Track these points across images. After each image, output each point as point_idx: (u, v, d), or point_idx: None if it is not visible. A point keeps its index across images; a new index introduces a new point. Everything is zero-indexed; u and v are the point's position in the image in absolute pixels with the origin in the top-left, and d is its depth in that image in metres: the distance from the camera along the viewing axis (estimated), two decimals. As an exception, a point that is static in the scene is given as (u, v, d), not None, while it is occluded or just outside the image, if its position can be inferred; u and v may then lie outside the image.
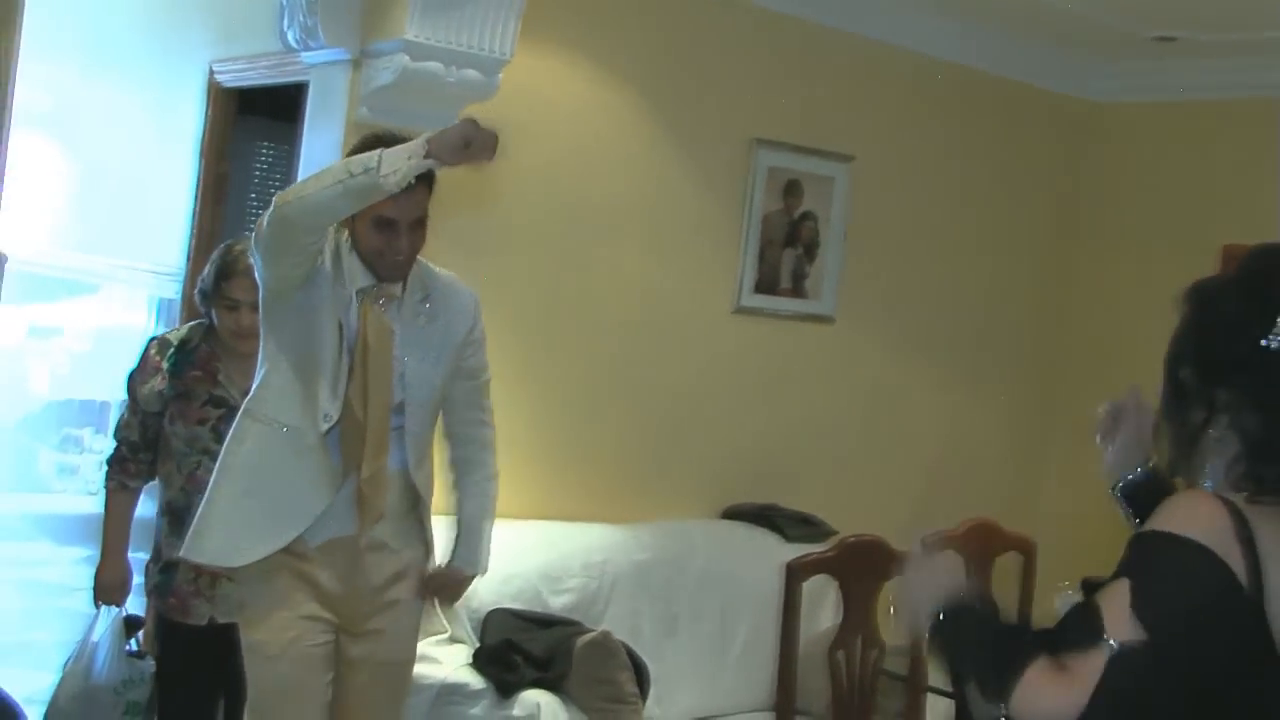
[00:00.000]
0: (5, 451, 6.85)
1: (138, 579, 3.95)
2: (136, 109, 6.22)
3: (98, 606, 3.90)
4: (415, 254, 3.21)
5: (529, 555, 4.51)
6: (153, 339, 3.88)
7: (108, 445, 3.93)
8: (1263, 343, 1.88)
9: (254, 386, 3.26)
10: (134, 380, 3.80)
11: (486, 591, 4.31)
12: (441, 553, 3.48)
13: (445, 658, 4.17)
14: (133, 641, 3.94)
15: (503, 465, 3.49)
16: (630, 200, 5.06)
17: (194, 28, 5.80)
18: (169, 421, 3.73)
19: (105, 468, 3.86)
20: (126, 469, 3.81)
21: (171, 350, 3.77)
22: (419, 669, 4.08)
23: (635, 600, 4.70)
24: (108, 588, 3.87)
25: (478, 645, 4.24)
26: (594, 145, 4.97)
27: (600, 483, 5.04)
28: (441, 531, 3.45)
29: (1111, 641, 1.77)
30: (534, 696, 4.03)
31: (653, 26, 5.06)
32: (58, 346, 7.14)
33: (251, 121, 5.98)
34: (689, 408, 5.27)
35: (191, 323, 4.01)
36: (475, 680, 4.09)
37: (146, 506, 3.93)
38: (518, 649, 4.14)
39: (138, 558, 3.90)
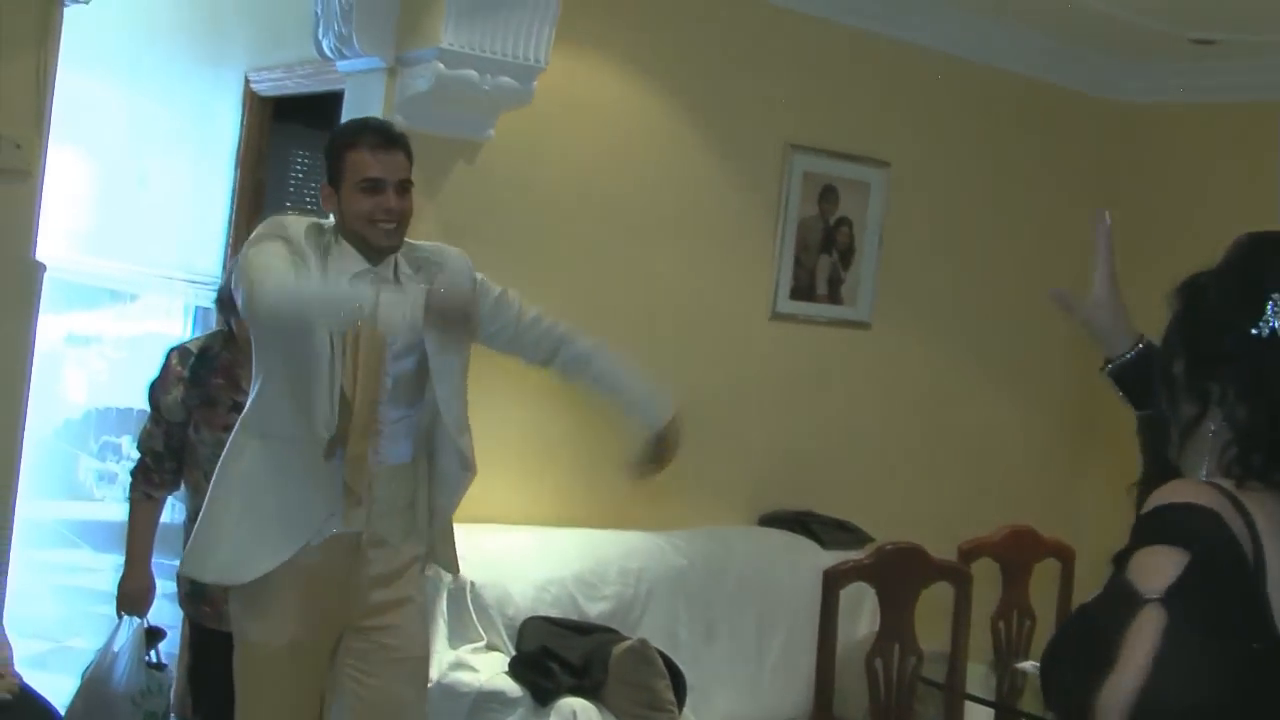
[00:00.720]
0: (45, 459, 6.88)
1: (167, 588, 3.96)
2: (174, 117, 6.26)
3: (120, 616, 3.91)
4: (407, 220, 3.20)
5: (565, 562, 4.51)
6: (173, 348, 3.89)
7: (131, 456, 3.94)
8: (1253, 331, 1.87)
9: (249, 400, 3.27)
10: (156, 390, 3.82)
11: (523, 599, 4.33)
12: (464, 562, 3.50)
13: (482, 665, 4.18)
14: (152, 653, 3.95)
15: (538, 472, 3.50)
16: (666, 205, 5.06)
17: (231, 37, 5.84)
18: (194, 430, 3.75)
19: (129, 478, 3.88)
20: (151, 479, 3.82)
21: (192, 359, 3.79)
22: (457, 676, 4.11)
23: (672, 607, 4.70)
24: (130, 597, 3.89)
25: (514, 653, 4.24)
26: (628, 150, 4.98)
27: (636, 489, 5.00)
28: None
29: (1149, 594, 1.75)
30: (571, 704, 4.02)
31: (688, 31, 5.06)
32: (95, 354, 7.18)
33: (287, 129, 6.00)
34: (725, 414, 5.27)
35: (211, 330, 4.03)
36: (512, 688, 4.09)
37: (171, 514, 3.95)
38: (554, 656, 4.14)
39: (168, 564, 3.91)
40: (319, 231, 3.18)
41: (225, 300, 3.74)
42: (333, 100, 4.80)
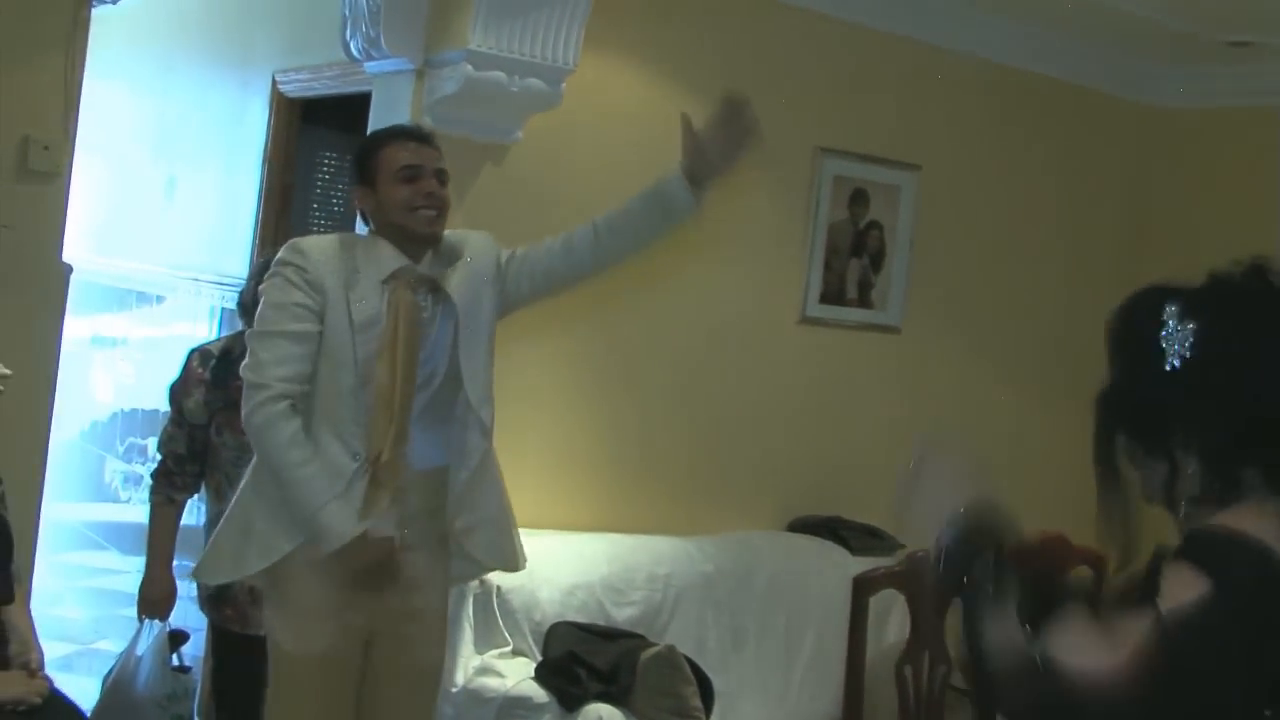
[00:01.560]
0: (72, 461, 6.93)
1: (190, 591, 3.96)
2: (202, 119, 6.29)
3: (141, 620, 3.91)
4: (446, 210, 3.22)
5: (593, 567, 4.51)
6: (194, 350, 3.88)
7: (153, 459, 3.95)
8: (1166, 369, 1.88)
9: None
10: (177, 393, 3.82)
11: (550, 604, 4.33)
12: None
13: (509, 671, 4.18)
14: (175, 656, 3.95)
15: (566, 477, 3.49)
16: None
17: (258, 39, 5.86)
18: (216, 433, 3.76)
19: (150, 481, 3.88)
20: (173, 482, 3.83)
21: (214, 360, 3.79)
22: (483, 681, 4.12)
23: (700, 613, 4.70)
24: (152, 601, 3.89)
25: (541, 658, 4.24)
26: (657, 154, 4.93)
27: (664, 494, 5.04)
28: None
29: (1162, 607, 1.75)
30: (598, 710, 4.03)
31: (717, 34, 5.05)
32: (122, 356, 7.21)
33: (315, 131, 6.03)
34: (754, 418, 5.26)
35: (232, 333, 4.02)
36: (539, 693, 4.09)
37: (194, 517, 3.96)
38: (581, 662, 4.14)
39: (190, 566, 3.92)
40: (343, 246, 3.18)
41: (247, 303, 3.74)
42: (361, 102, 4.81)
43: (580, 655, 4.16)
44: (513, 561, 3.46)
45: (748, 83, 5.12)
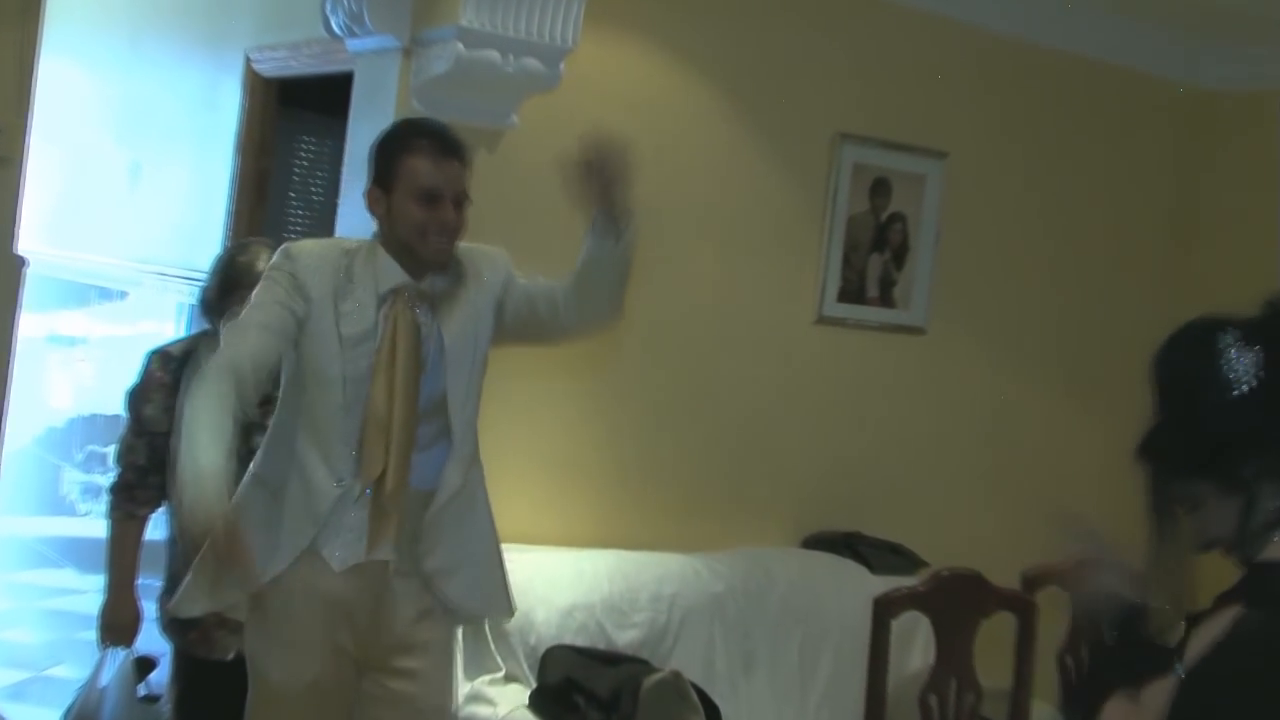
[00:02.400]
0: (26, 470, 6.94)
1: (154, 613, 3.94)
2: (170, 101, 6.32)
3: (104, 647, 3.88)
4: (459, 235, 3.22)
5: (592, 586, 4.53)
6: (153, 353, 3.85)
7: (112, 470, 3.91)
8: (1234, 395, 1.95)
9: (260, 449, 3.29)
10: (136, 399, 3.79)
11: (546, 626, 4.35)
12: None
13: (501, 698, 4.20)
14: (142, 685, 3.94)
15: (563, 489, 3.49)
16: (703, 200, 5.08)
17: (232, 14, 5.89)
18: (178, 441, 3.73)
19: (109, 496, 3.84)
20: (134, 496, 3.79)
21: (175, 363, 3.76)
22: (473, 710, 4.13)
23: (708, 636, 4.72)
24: (116, 627, 3.85)
25: (536, 685, 4.26)
26: (662, 140, 4.99)
27: (670, 508, 5.06)
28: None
29: (1180, 670, 1.81)
30: (597, 740, 4.05)
31: (728, 11, 5.08)
32: (81, 357, 7.24)
33: (293, 114, 6.06)
34: (767, 426, 5.28)
35: (193, 333, 4.00)
36: (534, 722, 4.12)
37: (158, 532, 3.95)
38: (580, 688, 4.16)
39: (155, 585, 3.90)
40: (339, 253, 3.20)
41: (210, 301, 3.74)
42: (342, 83, 4.83)
43: (578, 681, 4.18)
44: (497, 605, 3.47)
45: (761, 63, 5.17)
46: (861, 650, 3.80)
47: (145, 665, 3.98)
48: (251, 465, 3.26)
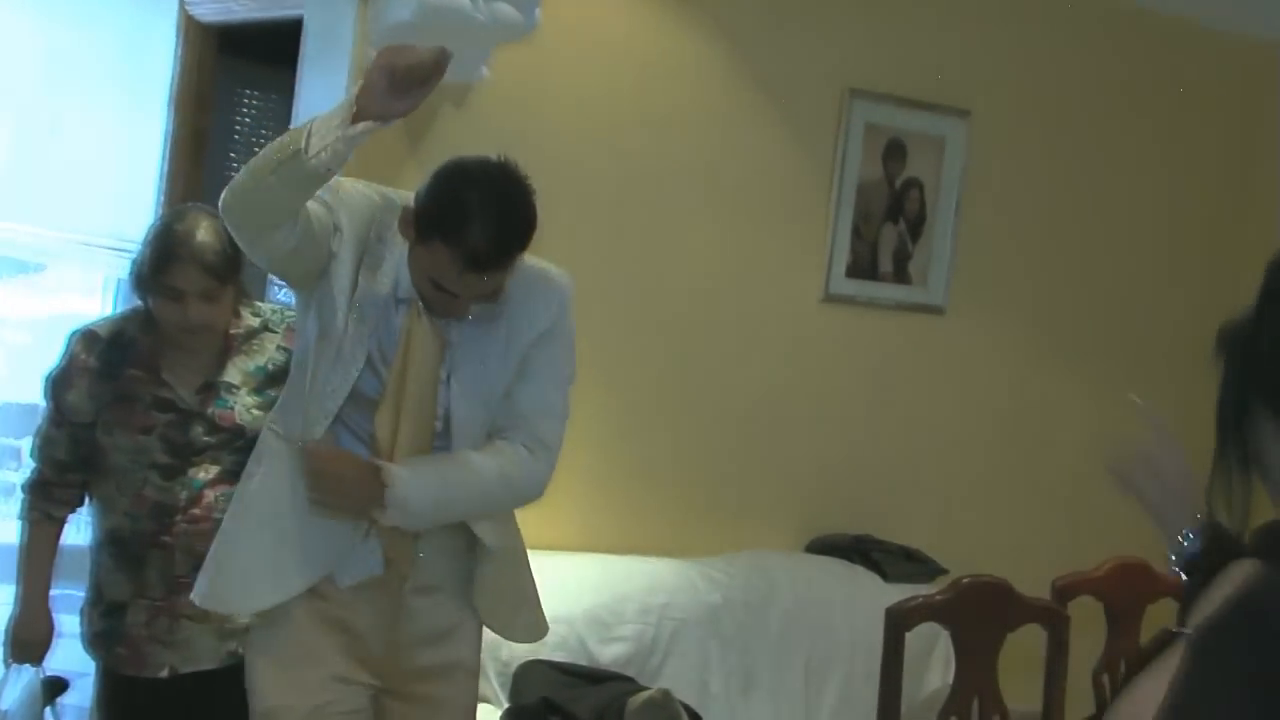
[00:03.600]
0: (-71, 466, 6.94)
1: (70, 626, 3.93)
2: (95, 50, 6.30)
3: (8, 665, 3.85)
4: (468, 312, 3.14)
5: (573, 596, 4.55)
6: (76, 333, 3.81)
7: (27, 468, 3.89)
8: None
9: (282, 392, 3.33)
10: (57, 384, 3.76)
11: (520, 640, 4.37)
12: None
13: (469, 720, 4.23)
14: (49, 710, 3.94)
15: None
16: (695, 165, 5.10)
17: (164, -49, 5.88)
18: (104, 432, 3.70)
19: (24, 495, 3.82)
20: (52, 495, 3.78)
21: (102, 346, 3.74)
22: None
23: (702, 652, 4.75)
24: (24, 642, 3.82)
25: (508, 705, 4.28)
26: (650, 96, 5.01)
27: (661, 508, 5.08)
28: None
29: (1186, 630, 1.85)
30: (578, 768, 4.08)
31: (725, -50, 5.10)
32: (-8, 338, 7.23)
33: (235, 65, 6.05)
34: (768, 417, 5.32)
35: (124, 311, 3.97)
36: (506, 748, 4.15)
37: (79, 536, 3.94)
38: (558, 709, 4.17)
39: (72, 596, 3.89)
40: (388, 205, 3.15)
41: (143, 275, 3.69)
42: (290, 30, 4.83)
43: (557, 702, 4.20)
44: (527, 628, 3.53)
45: (760, 9, 5.19)
46: (873, 668, 3.82)
47: (55, 686, 3.95)
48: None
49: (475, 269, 2.97)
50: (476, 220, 2.94)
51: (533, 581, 3.48)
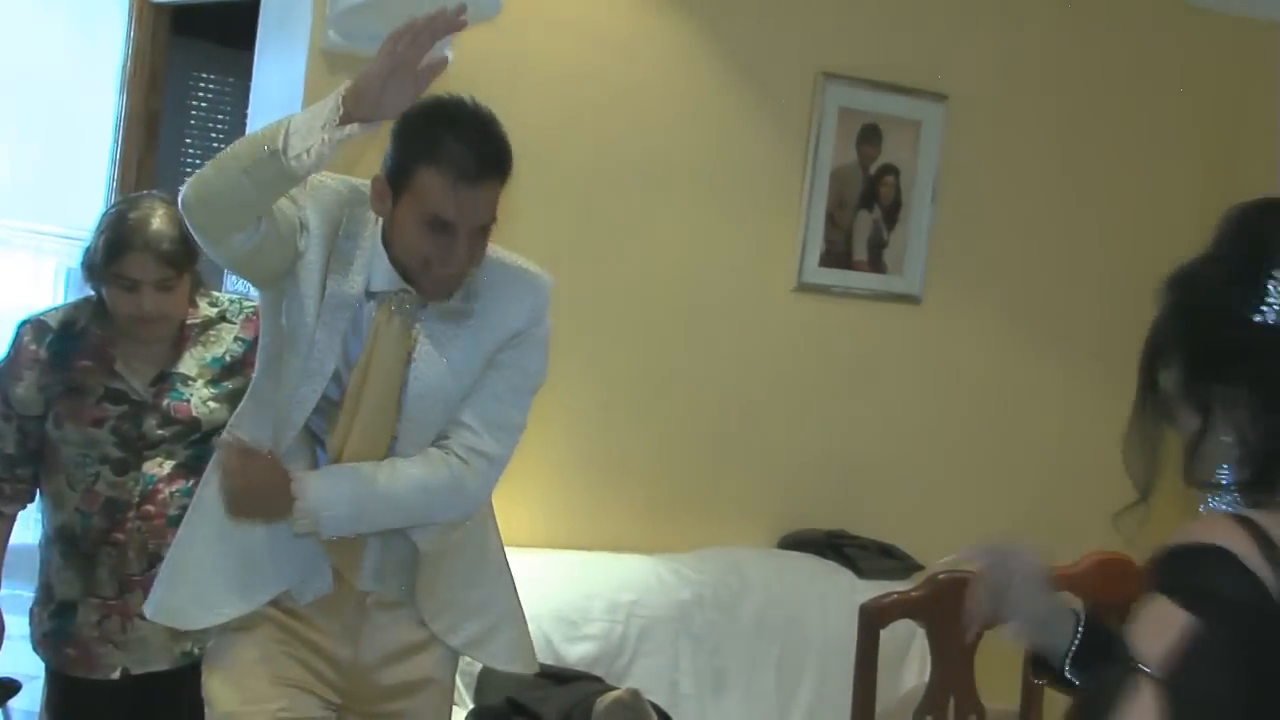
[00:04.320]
0: None
1: (18, 628, 3.91)
2: (43, 29, 6.28)
3: None
4: (470, 265, 3.04)
5: (539, 594, 4.51)
6: (25, 323, 3.80)
7: None
8: (1255, 319, 1.96)
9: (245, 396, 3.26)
10: (4, 377, 3.75)
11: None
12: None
13: (431, 721, 4.23)
14: (1, 712, 3.93)
15: (506, 481, 3.41)
16: (665, 149, 5.12)
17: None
18: (54, 425, 3.70)
19: None
20: (0, 491, 3.80)
21: (52, 336, 3.74)
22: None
23: (672, 651, 4.77)
24: None
25: (472, 706, 4.29)
26: (620, 80, 5.01)
27: (629, 503, 5.09)
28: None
29: (1148, 669, 1.86)
30: (543, 771, 4.09)
31: (696, -71, 5.10)
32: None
33: (190, 46, 6.04)
34: (739, 410, 5.33)
35: (75, 300, 3.95)
36: (470, 750, 4.15)
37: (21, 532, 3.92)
38: (523, 710, 4.18)
39: (20, 596, 3.87)
40: (357, 198, 3.08)
41: (95, 264, 3.69)
42: (245, 11, 4.83)
43: (522, 703, 4.20)
44: (513, 657, 3.43)
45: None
46: (847, 666, 3.82)
47: (5, 689, 3.97)
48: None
49: (467, 181, 2.91)
50: (452, 131, 2.94)
51: (511, 599, 3.41)
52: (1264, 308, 1.95)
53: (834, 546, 5.33)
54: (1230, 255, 2.04)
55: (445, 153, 2.91)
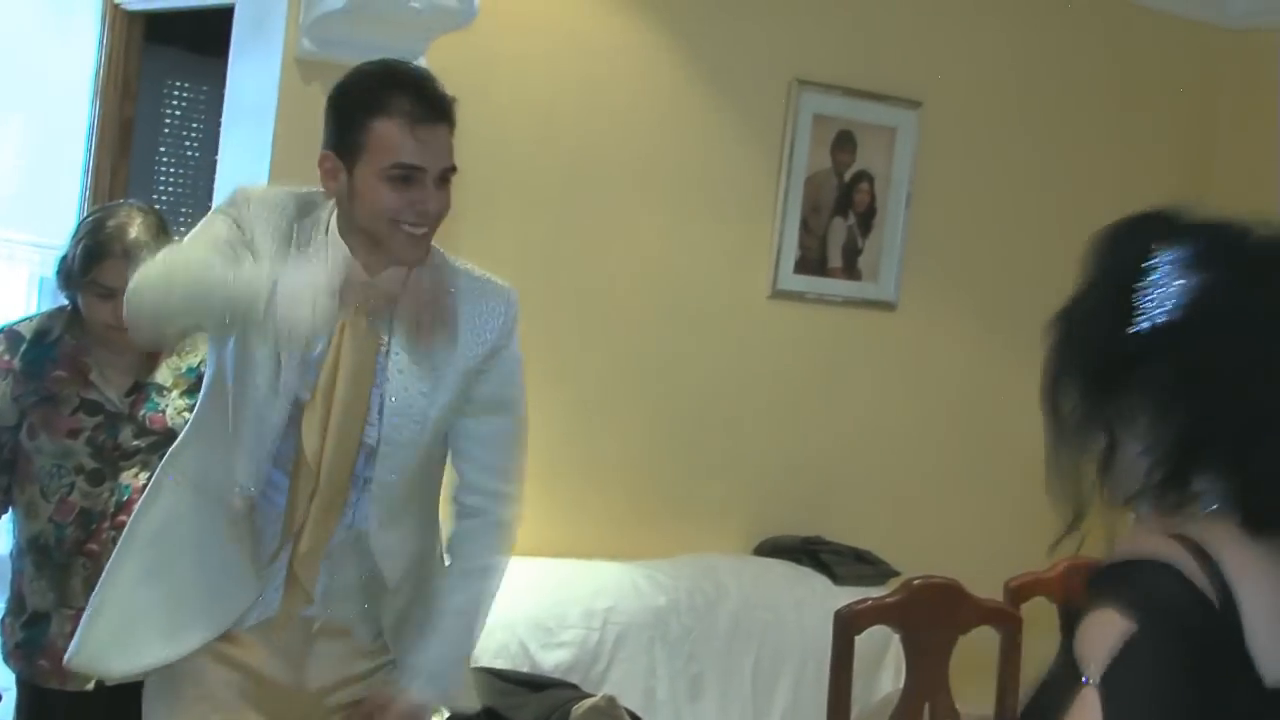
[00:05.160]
0: None
1: None
2: (12, 34, 6.28)
3: None
4: (440, 221, 2.94)
5: (515, 601, 4.49)
6: None
7: None
8: (1132, 331, 2.02)
9: (184, 428, 3.20)
10: None
11: (461, 646, 4.39)
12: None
13: (409, 729, 4.24)
14: None
15: None
16: (640, 157, 5.14)
17: (88, -66, 5.86)
18: (28, 436, 3.68)
19: None
20: None
21: (25, 345, 3.71)
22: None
23: (648, 658, 4.79)
24: None
25: (447, 716, 4.31)
26: (595, 87, 5.02)
27: (605, 510, 5.09)
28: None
29: (1088, 672, 1.92)
30: (520, 777, 4.11)
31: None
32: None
33: (163, 53, 6.03)
34: (715, 417, 5.35)
35: (49, 309, 3.93)
36: (446, 759, 4.16)
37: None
38: (499, 718, 4.21)
39: None
40: (303, 207, 2.98)
41: (71, 272, 3.68)
42: (219, 18, 4.83)
43: (498, 711, 4.21)
44: (455, 692, 3.29)
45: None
46: (823, 672, 3.83)
47: (-17, 701, 3.98)
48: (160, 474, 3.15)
49: (423, 123, 2.84)
50: (394, 83, 2.88)
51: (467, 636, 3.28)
52: (1137, 318, 2.03)
53: (809, 552, 5.35)
54: (1099, 279, 2.14)
55: (394, 102, 2.83)
